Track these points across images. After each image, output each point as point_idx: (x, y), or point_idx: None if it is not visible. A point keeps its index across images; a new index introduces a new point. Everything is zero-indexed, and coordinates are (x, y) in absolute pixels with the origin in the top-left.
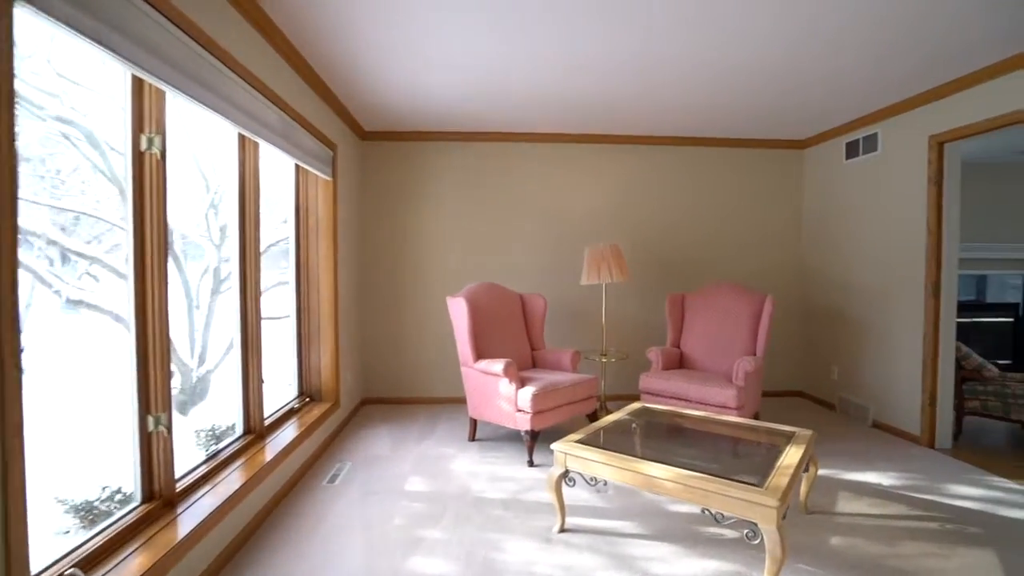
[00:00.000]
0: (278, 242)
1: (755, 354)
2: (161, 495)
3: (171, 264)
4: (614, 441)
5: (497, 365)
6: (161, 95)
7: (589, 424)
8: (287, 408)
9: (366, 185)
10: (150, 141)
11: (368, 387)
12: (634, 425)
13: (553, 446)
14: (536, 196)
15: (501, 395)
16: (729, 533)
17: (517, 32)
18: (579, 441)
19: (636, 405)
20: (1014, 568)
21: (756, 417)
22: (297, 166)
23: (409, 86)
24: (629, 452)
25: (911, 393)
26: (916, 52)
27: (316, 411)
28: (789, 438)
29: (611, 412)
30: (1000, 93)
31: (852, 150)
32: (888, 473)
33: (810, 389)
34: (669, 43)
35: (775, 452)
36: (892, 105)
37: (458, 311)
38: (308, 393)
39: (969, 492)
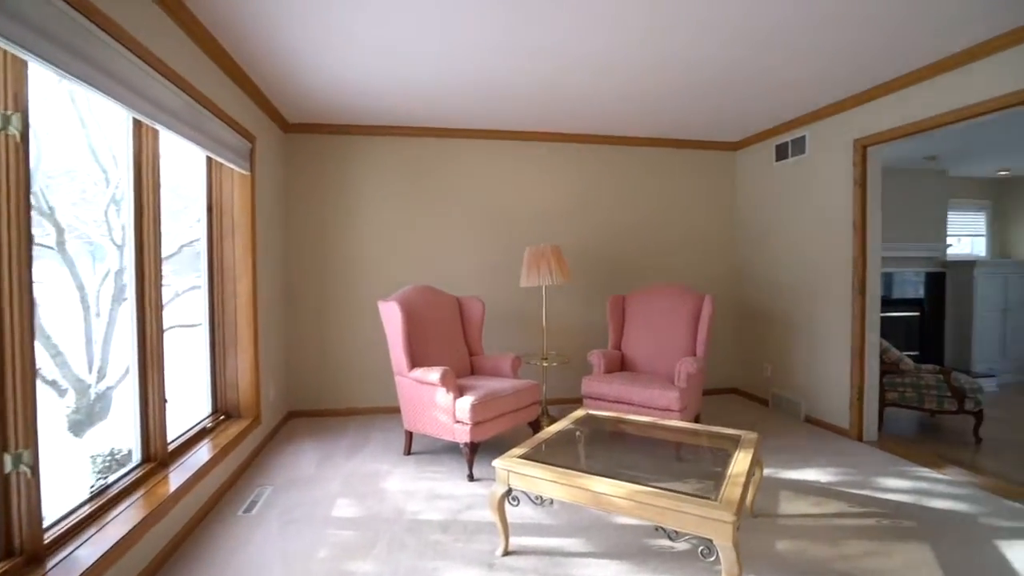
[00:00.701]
0: (192, 242)
1: (695, 354)
2: (23, 550)
3: (63, 267)
4: (559, 454)
5: (433, 374)
6: (20, 65)
7: (532, 432)
8: (198, 428)
9: (290, 181)
10: (5, 119)
11: (295, 399)
12: (578, 433)
13: (495, 463)
14: (473, 196)
15: (438, 406)
16: (680, 545)
17: (454, 20)
18: (522, 456)
19: (580, 412)
20: (948, 561)
21: (697, 418)
22: (209, 159)
23: (338, 75)
24: (576, 467)
25: (840, 388)
26: (840, 58)
27: (232, 430)
28: (736, 442)
29: (554, 418)
30: (918, 100)
31: (782, 152)
32: (825, 469)
33: (745, 386)
34: (607, 36)
35: (724, 459)
36: (819, 109)
37: (391, 316)
38: (224, 410)
39: (898, 485)
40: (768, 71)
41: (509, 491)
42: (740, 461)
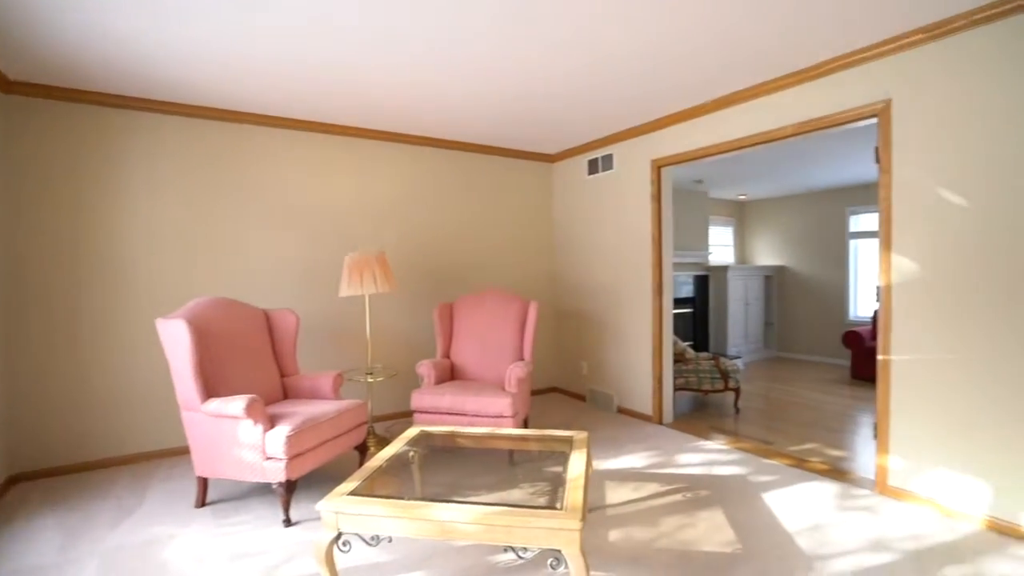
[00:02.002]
0: None
1: (523, 358)
2: None
3: None
4: (395, 483)
5: (235, 404)
6: None
7: (359, 457)
8: None
9: (17, 160)
10: None
11: (22, 457)
12: (412, 455)
13: (319, 507)
14: (281, 194)
15: (242, 442)
16: (527, 554)
17: None
18: (353, 493)
19: (413, 431)
20: (735, 519)
21: (527, 421)
22: None
23: (95, 21)
24: (415, 496)
25: (643, 379)
26: (638, 89)
27: None
28: (569, 443)
29: (383, 439)
30: (696, 131)
31: (593, 167)
32: (637, 455)
33: (564, 384)
34: (411, 19)
35: (561, 461)
36: (623, 131)
37: (175, 338)
38: None
39: (692, 459)
40: (574, 96)
41: (339, 536)
42: (575, 463)
